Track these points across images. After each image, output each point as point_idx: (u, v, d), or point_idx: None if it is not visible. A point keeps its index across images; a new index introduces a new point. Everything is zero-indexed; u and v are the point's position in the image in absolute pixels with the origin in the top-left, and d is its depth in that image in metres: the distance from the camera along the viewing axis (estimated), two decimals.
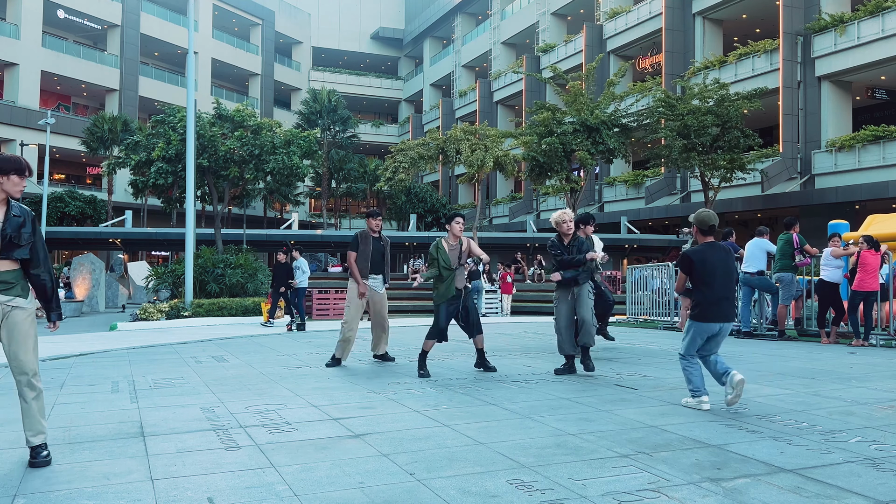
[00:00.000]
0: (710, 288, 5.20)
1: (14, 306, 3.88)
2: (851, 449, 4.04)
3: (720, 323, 5.23)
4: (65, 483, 3.53)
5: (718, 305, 5.20)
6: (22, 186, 3.92)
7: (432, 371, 7.40)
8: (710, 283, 5.20)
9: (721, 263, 5.25)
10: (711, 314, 5.21)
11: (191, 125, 16.98)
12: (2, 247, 3.82)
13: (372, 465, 3.77)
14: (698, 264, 5.24)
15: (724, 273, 5.25)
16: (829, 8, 26.83)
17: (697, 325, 5.26)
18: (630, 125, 26.33)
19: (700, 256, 5.26)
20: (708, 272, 5.21)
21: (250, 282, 18.33)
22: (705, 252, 5.28)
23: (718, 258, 5.27)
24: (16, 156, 3.92)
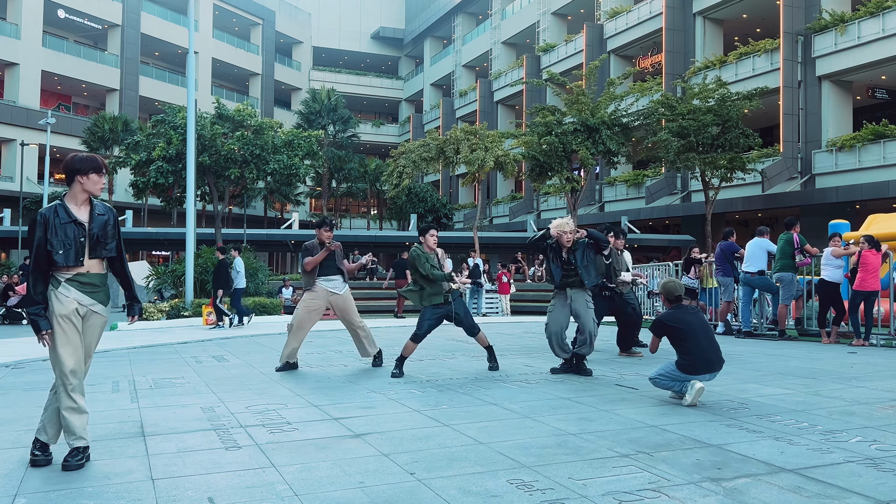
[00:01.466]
0: (695, 345, 5.30)
1: (94, 311, 3.91)
2: (852, 449, 4.03)
3: (710, 374, 5.39)
4: (65, 483, 3.53)
5: (706, 362, 5.32)
6: (101, 185, 3.96)
7: (432, 371, 7.40)
8: (692, 338, 5.31)
9: (697, 321, 5.42)
10: (701, 367, 5.33)
11: (191, 125, 16.98)
12: (90, 246, 3.84)
13: (372, 465, 3.77)
14: (673, 325, 5.38)
15: (700, 327, 5.38)
16: (829, 7, 26.81)
17: (679, 375, 5.38)
18: (630, 125, 26.33)
19: (672, 317, 5.44)
20: (686, 330, 5.33)
21: (250, 281, 18.33)
22: (675, 313, 5.48)
23: (692, 318, 5.43)
24: (92, 155, 3.96)
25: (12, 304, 17.43)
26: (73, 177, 3.89)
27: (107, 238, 3.91)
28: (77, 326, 3.85)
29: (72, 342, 3.84)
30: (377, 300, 22.16)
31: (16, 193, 33.70)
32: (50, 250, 3.77)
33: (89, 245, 3.85)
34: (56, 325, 3.81)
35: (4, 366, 8.19)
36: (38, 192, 35.20)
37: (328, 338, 11.69)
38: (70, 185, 3.91)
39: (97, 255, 3.88)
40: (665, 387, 5.50)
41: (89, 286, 3.87)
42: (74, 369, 3.84)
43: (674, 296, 5.57)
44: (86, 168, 3.88)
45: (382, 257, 43.78)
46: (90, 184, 3.89)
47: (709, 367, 5.35)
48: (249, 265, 18.40)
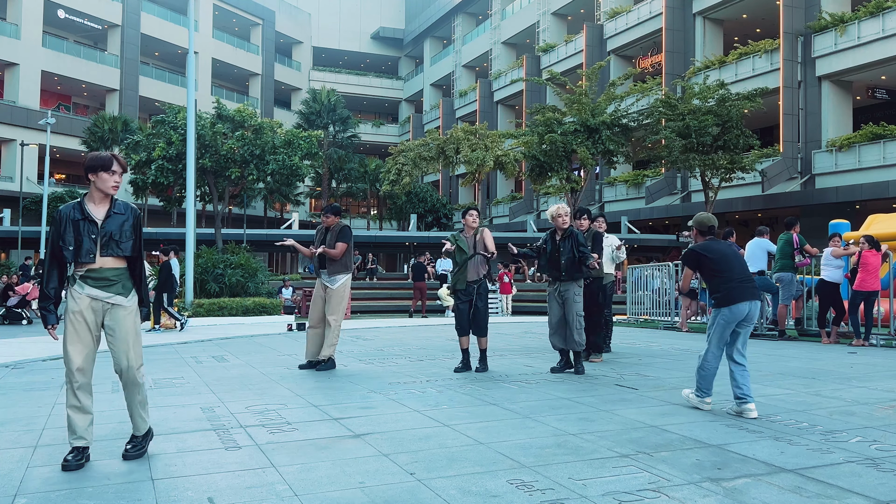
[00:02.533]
0: (728, 272, 5.07)
1: (113, 304, 3.93)
2: (852, 449, 4.03)
3: (748, 302, 5.02)
4: (65, 483, 3.53)
5: (742, 286, 5.05)
6: (113, 182, 3.96)
7: (432, 371, 7.40)
8: (727, 268, 5.08)
9: (729, 251, 5.18)
10: (738, 294, 5.02)
11: (191, 125, 16.97)
12: (102, 244, 3.90)
13: (372, 465, 3.77)
14: (706, 256, 5.14)
15: (735, 257, 5.15)
16: (829, 8, 26.82)
17: (726, 312, 5.03)
18: (630, 125, 26.33)
19: (706, 247, 5.20)
20: (719, 260, 5.11)
21: (250, 281, 18.33)
22: (709, 244, 5.23)
23: (725, 247, 5.21)
24: (105, 153, 4.02)
25: (12, 305, 17.42)
26: (87, 175, 3.97)
27: (122, 237, 3.94)
28: (89, 324, 3.89)
29: (82, 340, 3.88)
30: (377, 300, 22.15)
31: (16, 193, 33.69)
32: (61, 246, 3.83)
33: (101, 242, 3.89)
34: (67, 321, 3.87)
35: (4, 366, 8.19)
36: (37, 192, 35.17)
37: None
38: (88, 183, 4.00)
39: (110, 253, 3.91)
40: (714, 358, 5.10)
41: (103, 281, 3.91)
42: (82, 367, 3.88)
43: (706, 226, 5.31)
44: (95, 166, 3.92)
45: (382, 257, 43.79)
46: (100, 182, 3.92)
47: (750, 294, 5.05)
48: (249, 265, 18.39)
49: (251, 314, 16.42)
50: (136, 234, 4.03)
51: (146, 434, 4.09)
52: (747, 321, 5.08)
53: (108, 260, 3.92)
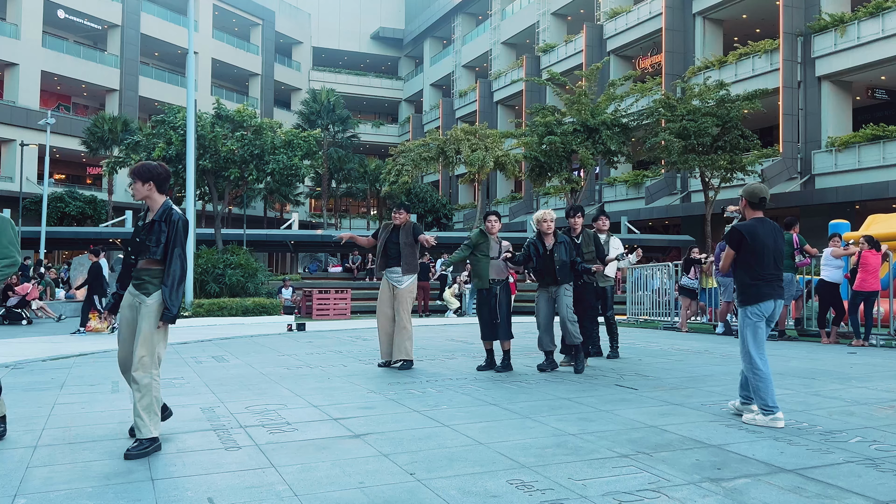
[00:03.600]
0: (760, 266, 4.74)
1: (140, 302, 4.26)
2: (851, 449, 4.03)
3: (775, 300, 4.77)
4: (65, 483, 3.53)
5: (771, 284, 4.76)
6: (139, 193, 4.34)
7: (432, 371, 7.40)
8: (761, 260, 4.74)
9: (772, 240, 4.80)
10: (767, 291, 4.73)
11: (191, 125, 16.97)
12: (136, 250, 4.32)
13: (372, 465, 3.77)
14: (749, 239, 4.75)
15: (774, 250, 4.80)
16: (829, 8, 26.82)
17: (756, 309, 4.74)
18: (630, 125, 26.33)
19: (751, 230, 4.77)
20: (758, 249, 4.74)
21: (250, 282, 18.33)
22: (756, 227, 4.80)
23: (769, 234, 4.81)
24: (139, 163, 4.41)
25: (12, 305, 17.41)
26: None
27: (151, 241, 4.25)
28: (128, 319, 4.31)
29: (122, 337, 4.36)
30: (376, 300, 22.12)
31: (15, 194, 33.69)
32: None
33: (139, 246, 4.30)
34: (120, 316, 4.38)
35: (4, 366, 8.19)
36: (37, 192, 35.17)
37: (328, 338, 11.70)
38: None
39: (143, 256, 4.28)
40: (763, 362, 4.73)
41: (138, 280, 4.30)
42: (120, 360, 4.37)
43: (758, 198, 4.87)
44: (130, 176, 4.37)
45: None
46: (133, 190, 4.34)
47: (777, 292, 4.79)
48: (249, 265, 18.39)
49: (251, 314, 16.42)
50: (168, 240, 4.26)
51: (150, 440, 4.07)
52: (770, 320, 4.86)
53: (146, 261, 4.28)
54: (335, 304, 18.69)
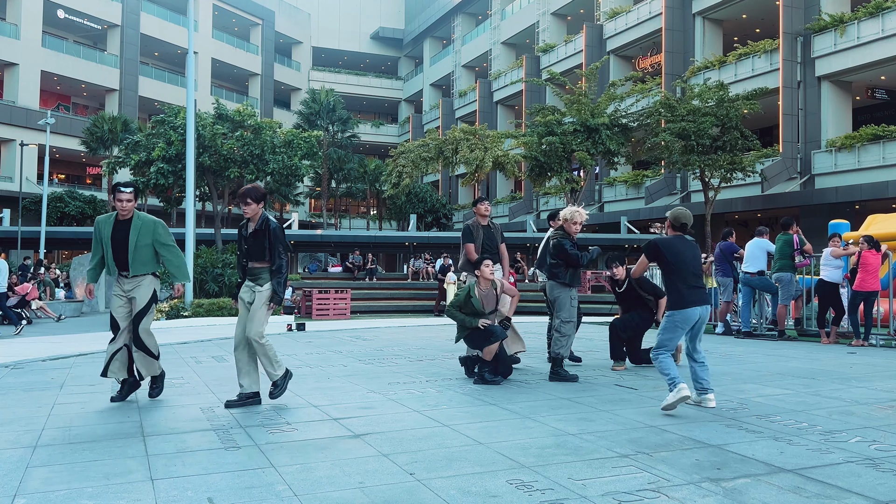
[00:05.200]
0: (682, 275, 5.17)
1: (257, 290, 5.42)
2: (851, 449, 4.04)
3: (699, 307, 5.17)
4: (65, 483, 3.53)
5: (693, 291, 5.16)
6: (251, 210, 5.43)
7: (432, 371, 7.40)
8: (682, 270, 5.17)
9: (689, 253, 5.24)
10: (690, 299, 5.14)
11: (191, 125, 16.98)
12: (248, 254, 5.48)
13: (372, 465, 3.77)
14: (666, 251, 5.20)
15: (692, 260, 5.23)
16: (829, 8, 26.83)
17: (678, 315, 5.17)
18: (630, 125, 26.34)
19: (667, 243, 5.25)
20: (678, 260, 5.18)
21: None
22: (673, 240, 5.29)
23: (686, 248, 5.26)
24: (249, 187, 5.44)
25: (12, 305, 17.41)
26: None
27: (257, 245, 5.43)
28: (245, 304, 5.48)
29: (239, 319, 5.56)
30: (376, 300, 22.14)
31: (15, 194, 33.68)
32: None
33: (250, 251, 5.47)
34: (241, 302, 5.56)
35: (4, 366, 8.19)
36: (37, 192, 35.16)
37: (328, 338, 11.70)
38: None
39: (254, 259, 5.45)
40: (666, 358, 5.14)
41: (253, 276, 5.48)
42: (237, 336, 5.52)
43: (680, 222, 5.35)
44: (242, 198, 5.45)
45: (382, 257, 43.77)
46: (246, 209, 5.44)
47: (700, 299, 5.17)
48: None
49: None
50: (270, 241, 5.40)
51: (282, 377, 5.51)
52: (698, 325, 5.23)
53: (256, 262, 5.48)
54: (335, 304, 18.69)
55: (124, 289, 5.62)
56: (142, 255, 5.57)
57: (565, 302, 6.74)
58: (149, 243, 5.60)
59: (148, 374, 5.78)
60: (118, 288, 5.64)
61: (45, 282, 21.43)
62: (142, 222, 5.60)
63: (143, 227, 5.58)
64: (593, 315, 16.59)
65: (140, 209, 24.91)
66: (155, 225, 5.64)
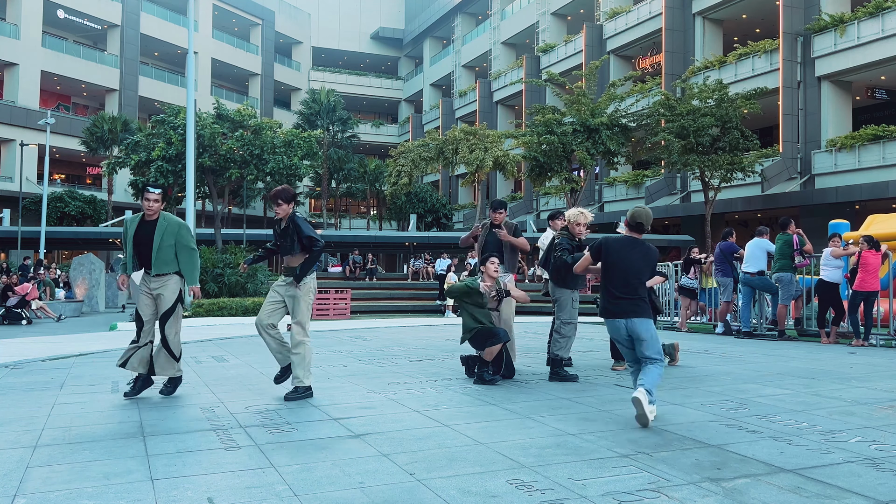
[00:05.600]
0: (612, 281, 4.81)
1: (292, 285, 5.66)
2: (851, 449, 4.03)
3: (622, 319, 4.74)
4: (65, 483, 3.53)
5: (617, 302, 4.75)
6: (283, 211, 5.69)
7: (432, 371, 7.40)
8: (613, 276, 4.81)
9: (624, 261, 4.78)
10: (611, 309, 4.80)
11: (191, 125, 16.98)
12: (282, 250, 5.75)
13: (372, 465, 3.77)
14: (606, 252, 4.84)
15: (625, 270, 4.77)
16: (829, 8, 26.83)
17: (606, 323, 4.92)
18: (630, 125, 26.34)
19: (608, 245, 4.85)
20: (614, 264, 4.80)
21: (250, 282, 18.34)
22: (620, 242, 4.86)
23: (628, 254, 4.81)
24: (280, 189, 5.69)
25: (12, 305, 17.41)
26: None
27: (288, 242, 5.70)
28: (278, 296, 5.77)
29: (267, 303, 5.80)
30: (376, 300, 22.14)
31: (15, 194, 33.68)
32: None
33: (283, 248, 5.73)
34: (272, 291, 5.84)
35: (4, 366, 8.19)
36: (37, 192, 35.16)
37: (328, 338, 11.70)
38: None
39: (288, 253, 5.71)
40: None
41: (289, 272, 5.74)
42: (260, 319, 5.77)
43: (635, 221, 4.92)
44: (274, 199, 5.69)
45: (382, 257, 43.78)
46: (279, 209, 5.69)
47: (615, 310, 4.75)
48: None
49: (251, 314, 16.42)
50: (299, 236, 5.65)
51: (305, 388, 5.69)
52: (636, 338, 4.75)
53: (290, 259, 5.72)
54: (335, 304, 18.69)
55: (150, 287, 5.79)
56: (165, 254, 5.75)
57: (566, 303, 6.74)
58: (172, 244, 5.76)
59: (166, 375, 5.90)
60: (144, 286, 5.82)
61: (45, 282, 21.44)
62: (167, 223, 5.78)
63: (168, 228, 5.76)
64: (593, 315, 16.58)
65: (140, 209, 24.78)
66: (179, 227, 5.81)
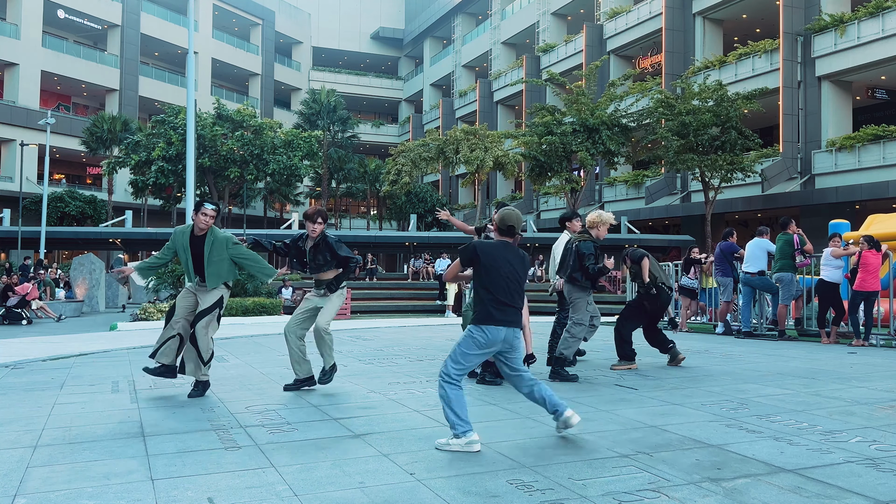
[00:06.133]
0: (494, 288, 4.30)
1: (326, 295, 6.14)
2: (851, 449, 4.03)
3: (506, 328, 4.27)
4: (65, 483, 3.52)
5: (503, 309, 4.28)
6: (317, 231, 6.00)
7: (432, 371, 7.40)
8: (495, 282, 4.31)
9: (507, 266, 4.37)
10: (497, 317, 4.26)
11: (191, 125, 16.99)
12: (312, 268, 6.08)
13: (372, 465, 3.77)
14: (483, 257, 4.35)
15: (508, 277, 4.35)
16: (829, 8, 26.83)
17: (481, 332, 4.24)
18: (630, 125, 26.34)
19: (486, 249, 4.39)
20: (492, 270, 4.33)
21: (250, 282, 18.33)
22: (496, 247, 4.42)
23: (507, 258, 4.40)
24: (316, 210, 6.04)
25: (12, 305, 17.41)
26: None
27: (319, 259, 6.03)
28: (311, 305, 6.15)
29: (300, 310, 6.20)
30: (376, 300, 22.15)
31: (15, 194, 33.68)
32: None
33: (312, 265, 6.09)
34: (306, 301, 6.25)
35: (4, 366, 8.19)
36: (37, 192, 35.16)
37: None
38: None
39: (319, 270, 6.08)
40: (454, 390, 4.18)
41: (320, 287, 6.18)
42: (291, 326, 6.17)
43: (506, 225, 4.52)
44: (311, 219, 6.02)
45: (382, 257, 43.78)
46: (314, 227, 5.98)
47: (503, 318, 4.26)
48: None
49: (251, 314, 16.43)
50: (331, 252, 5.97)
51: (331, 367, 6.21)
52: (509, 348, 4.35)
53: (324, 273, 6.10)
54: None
55: (196, 288, 6.06)
56: (217, 268, 5.93)
57: (582, 305, 6.91)
58: (224, 258, 5.94)
59: (193, 377, 5.98)
60: (192, 285, 6.11)
61: (45, 282, 21.45)
62: (214, 238, 5.91)
63: (216, 243, 5.90)
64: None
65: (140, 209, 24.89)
66: (227, 241, 5.95)
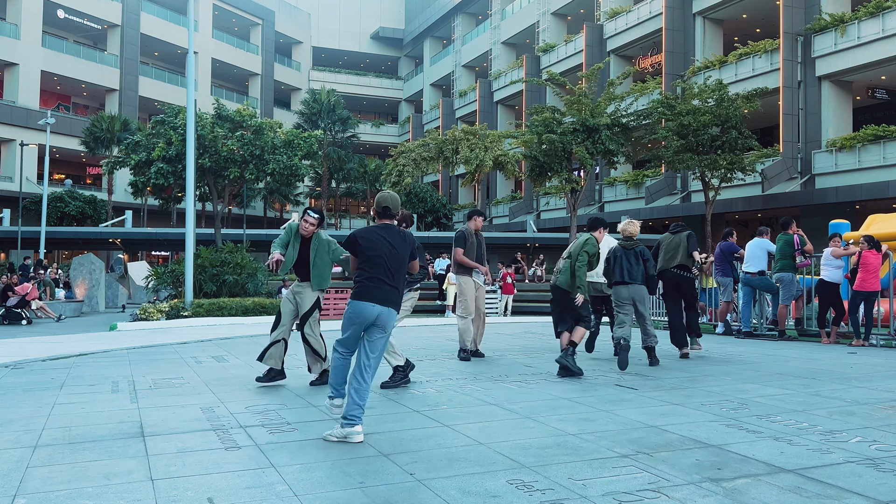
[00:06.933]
0: (371, 269, 4.50)
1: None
2: (852, 449, 4.03)
3: (379, 306, 4.43)
4: (65, 483, 3.52)
5: (379, 288, 4.47)
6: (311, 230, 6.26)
7: (432, 371, 7.40)
8: (373, 262, 4.50)
9: (387, 248, 4.55)
10: (370, 293, 4.44)
11: (191, 125, 16.98)
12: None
13: (372, 465, 3.77)
14: (361, 242, 4.56)
15: (390, 258, 4.55)
16: (829, 8, 26.82)
17: (353, 306, 4.49)
18: (630, 125, 26.33)
19: (365, 234, 4.60)
20: (372, 254, 4.52)
21: (250, 282, 18.32)
22: (374, 231, 4.62)
23: (387, 240, 4.58)
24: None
25: (12, 305, 17.41)
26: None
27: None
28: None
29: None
30: None
31: (15, 194, 33.68)
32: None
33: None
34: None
35: (4, 366, 8.19)
36: (37, 192, 35.16)
37: (328, 338, 11.67)
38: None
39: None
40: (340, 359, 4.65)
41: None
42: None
43: (381, 207, 4.70)
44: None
45: None
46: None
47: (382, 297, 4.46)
48: (249, 265, 18.39)
49: (251, 314, 16.41)
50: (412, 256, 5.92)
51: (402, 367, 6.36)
52: (377, 328, 4.46)
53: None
54: (335, 304, 18.69)
55: (294, 290, 6.53)
56: (321, 271, 6.38)
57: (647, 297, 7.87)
58: (327, 262, 6.37)
59: (314, 373, 6.57)
60: (288, 293, 6.61)
61: (45, 282, 21.44)
62: (318, 243, 6.31)
63: (320, 247, 6.31)
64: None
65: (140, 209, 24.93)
66: (329, 244, 6.33)
